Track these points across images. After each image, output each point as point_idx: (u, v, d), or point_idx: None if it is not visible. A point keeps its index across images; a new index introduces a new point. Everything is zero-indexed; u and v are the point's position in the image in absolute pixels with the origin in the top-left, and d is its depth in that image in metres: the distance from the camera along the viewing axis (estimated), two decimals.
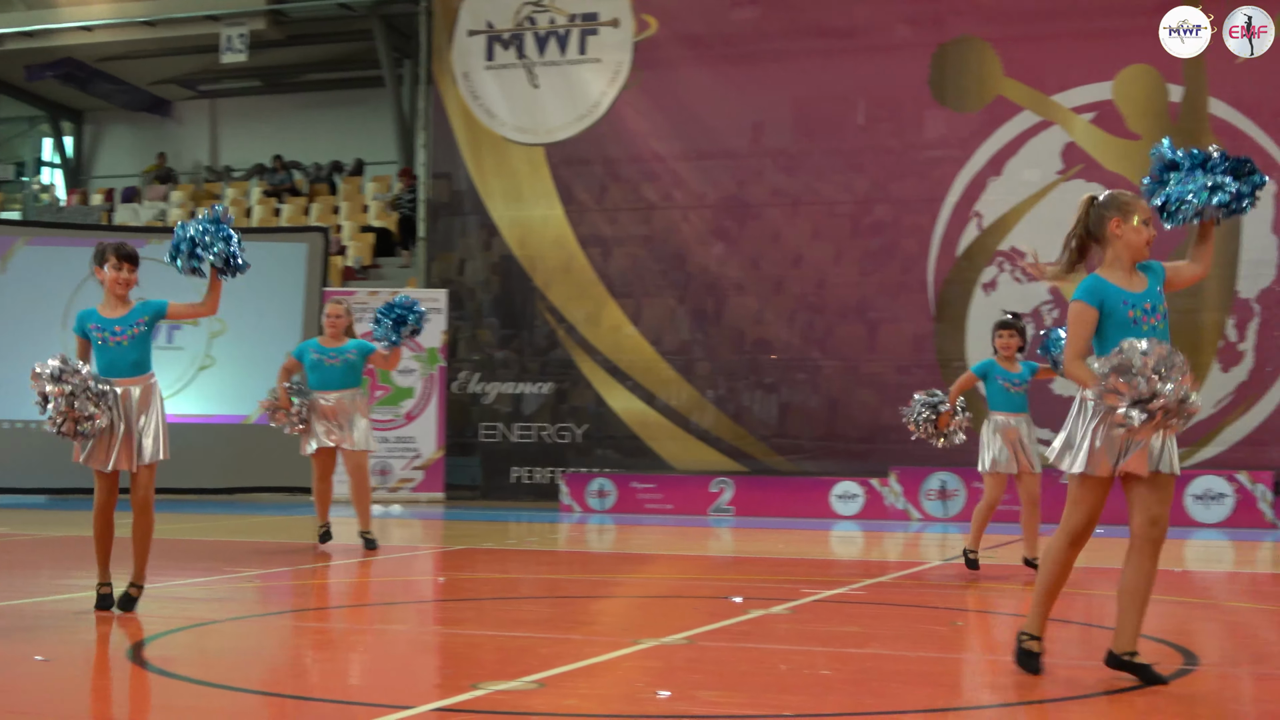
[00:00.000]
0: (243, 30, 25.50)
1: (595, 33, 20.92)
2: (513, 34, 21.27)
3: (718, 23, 20.59)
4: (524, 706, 5.74)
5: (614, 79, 20.80)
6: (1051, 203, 18.75)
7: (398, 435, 20.39)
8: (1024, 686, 6.48)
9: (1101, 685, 6.37)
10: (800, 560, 12.85)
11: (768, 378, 20.12)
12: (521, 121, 21.22)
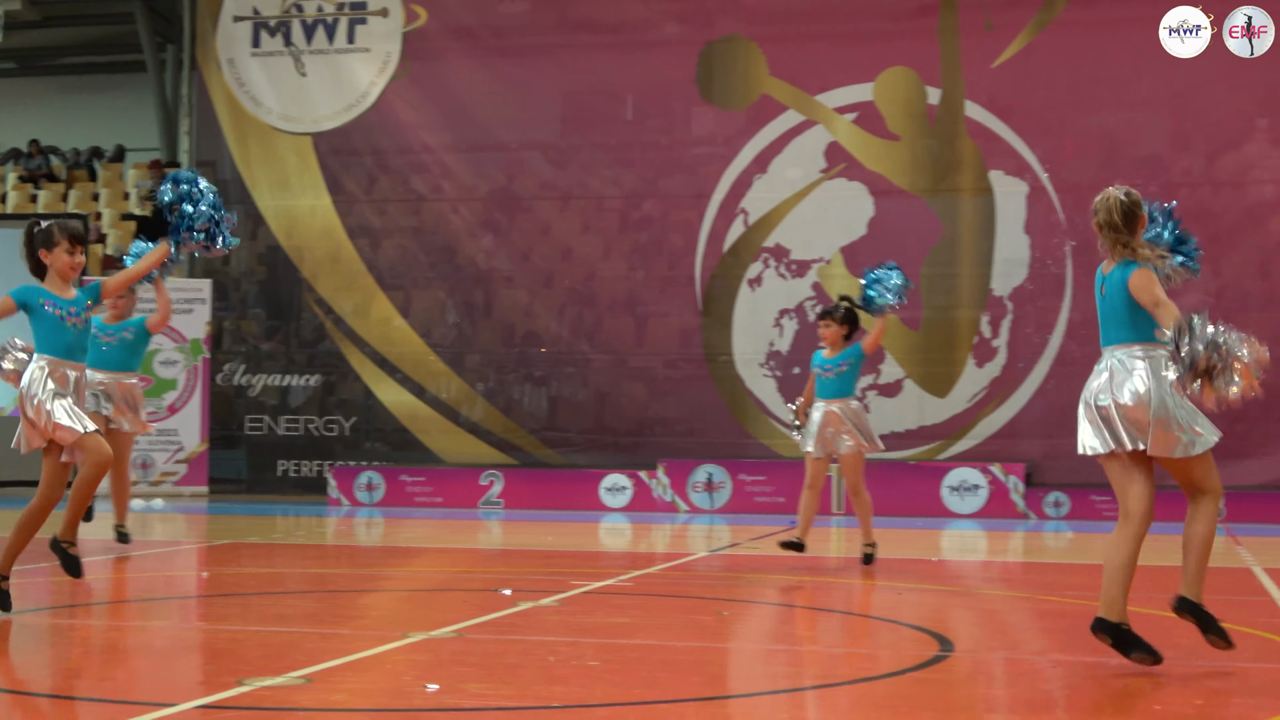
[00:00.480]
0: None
1: (364, 22, 20.72)
2: (279, 21, 20.96)
3: (487, 15, 20.55)
4: (290, 702, 5.68)
5: (383, 69, 20.63)
6: (815, 200, 19.11)
7: (160, 428, 19.96)
8: (786, 675, 6.62)
9: (859, 673, 6.54)
10: (569, 552, 12.90)
11: (537, 371, 20.16)
12: (288, 110, 20.93)
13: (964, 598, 9.85)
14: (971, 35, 18.85)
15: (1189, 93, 18.43)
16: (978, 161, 18.80)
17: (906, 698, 5.96)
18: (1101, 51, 18.54)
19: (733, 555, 12.80)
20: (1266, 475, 17.34)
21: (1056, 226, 18.53)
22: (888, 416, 18.68)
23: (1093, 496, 17.54)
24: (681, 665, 6.70)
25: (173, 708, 5.50)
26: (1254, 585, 10.21)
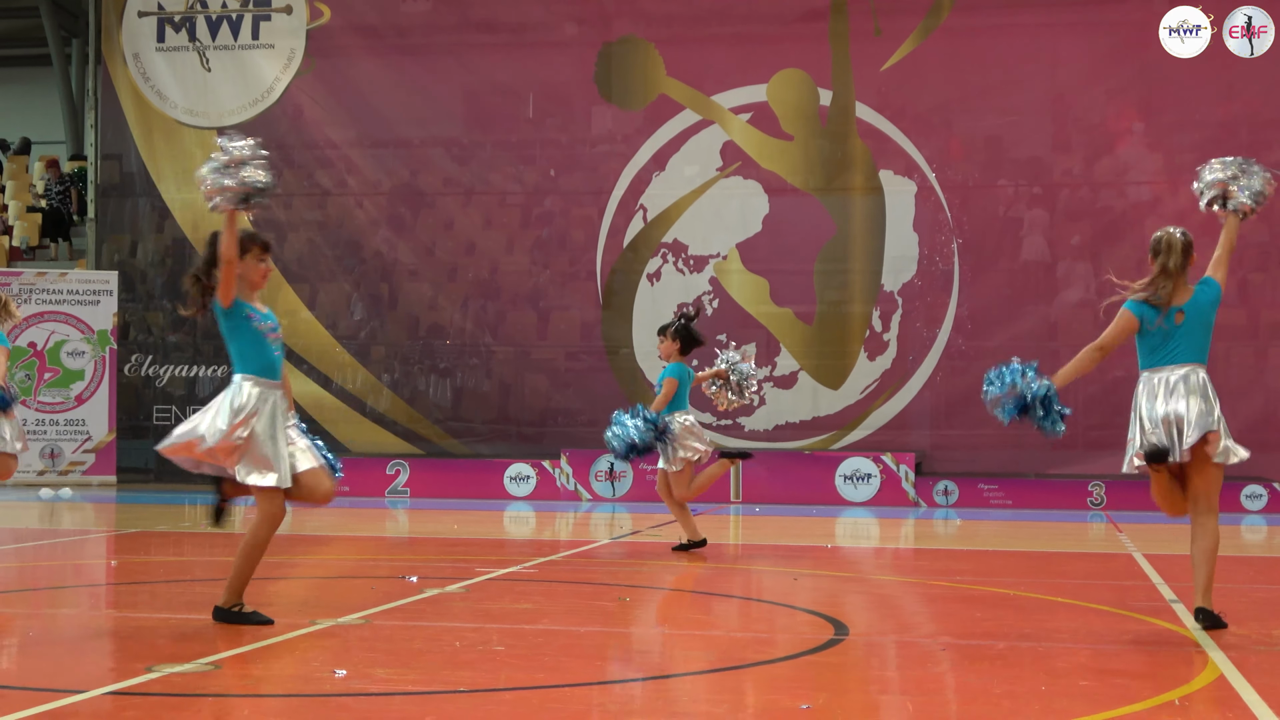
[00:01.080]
0: None
1: (268, 18, 20.52)
2: (184, 16, 20.71)
3: (390, 14, 20.42)
4: (199, 688, 5.62)
5: (287, 65, 20.45)
6: (711, 197, 19.17)
7: (67, 418, 19.73)
8: (688, 659, 6.63)
9: (759, 656, 6.56)
10: (474, 540, 12.87)
11: (442, 362, 20.08)
12: (194, 104, 20.69)
13: (857, 583, 9.92)
14: (861, 40, 18.98)
15: (1069, 97, 18.68)
16: (868, 161, 18.94)
17: (804, 679, 6.00)
18: (986, 56, 18.75)
19: (634, 542, 12.82)
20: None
21: (944, 224, 18.70)
22: (783, 407, 18.83)
23: (980, 485, 17.77)
24: (585, 650, 6.70)
25: (83, 694, 5.44)
26: (1135, 570, 10.37)
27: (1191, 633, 7.16)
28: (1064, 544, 12.96)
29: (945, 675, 6.19)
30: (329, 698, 5.45)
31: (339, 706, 5.31)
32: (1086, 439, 17.54)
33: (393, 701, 5.40)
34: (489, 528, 14.55)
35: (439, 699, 5.47)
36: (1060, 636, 7.17)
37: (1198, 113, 18.30)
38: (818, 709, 5.33)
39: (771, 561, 11.23)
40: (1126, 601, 8.48)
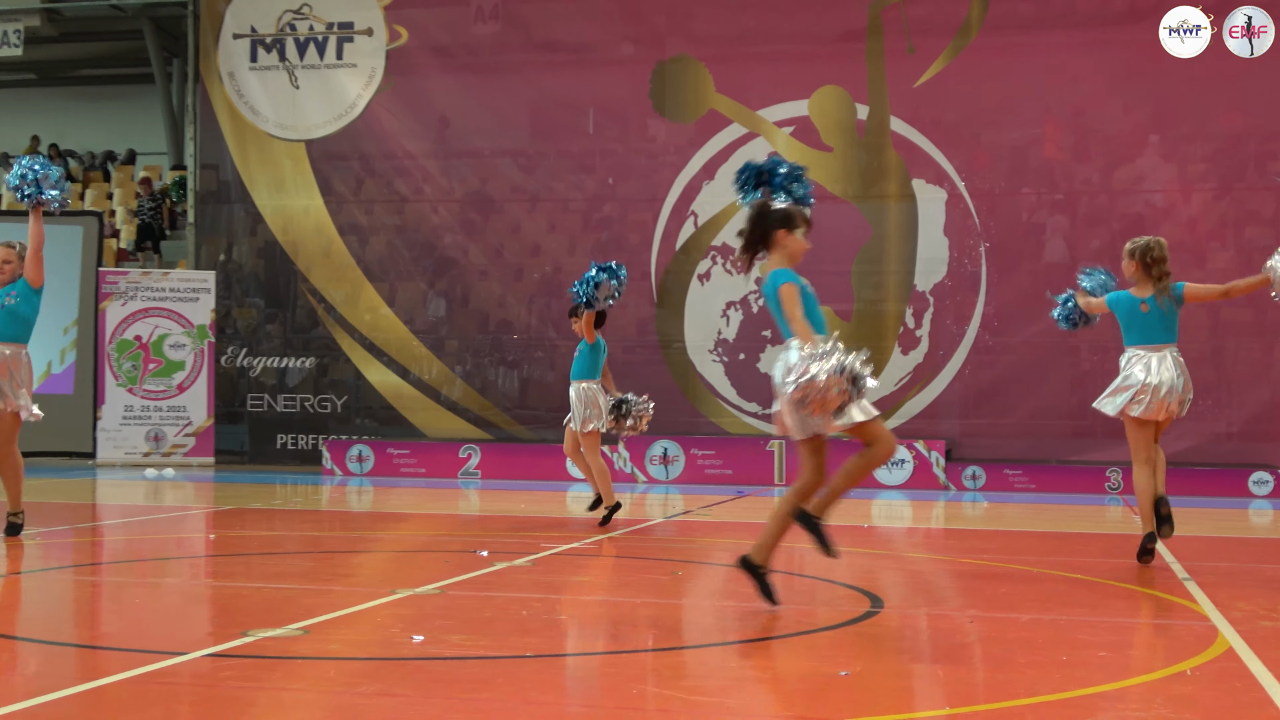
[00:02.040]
0: (18, 26, 24.53)
1: (351, 40, 20.62)
2: (275, 38, 20.83)
3: (462, 35, 20.46)
4: (289, 651, 5.67)
5: (369, 83, 20.54)
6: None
7: (170, 405, 19.90)
8: (735, 628, 6.63)
9: (801, 627, 6.56)
10: (539, 518, 12.91)
11: (510, 355, 20.12)
12: (283, 119, 20.81)
13: (892, 560, 9.90)
14: (895, 58, 18.89)
15: (1089, 110, 18.53)
16: (902, 171, 18.86)
17: (843, 648, 6.00)
18: (1012, 73, 18.63)
19: (686, 521, 12.83)
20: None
21: (972, 229, 18.61)
22: None
23: (1005, 470, 17.65)
24: (641, 619, 6.72)
25: (184, 656, 5.48)
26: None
27: (1202, 608, 7.11)
28: (1083, 525, 12.88)
29: (973, 646, 6.17)
30: (407, 661, 5.49)
31: (416, 669, 5.34)
32: (1105, 428, 17.37)
33: (465, 665, 5.43)
34: (553, 507, 14.58)
35: (507, 663, 5.49)
36: (1079, 611, 7.13)
37: (1209, 125, 18.15)
38: (855, 675, 5.32)
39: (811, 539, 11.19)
40: (1141, 579, 8.42)
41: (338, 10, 20.65)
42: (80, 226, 20.71)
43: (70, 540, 10.38)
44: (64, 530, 10.96)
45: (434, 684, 5.08)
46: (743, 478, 18.02)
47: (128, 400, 19.86)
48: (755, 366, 19.03)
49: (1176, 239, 18.26)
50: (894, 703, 5.03)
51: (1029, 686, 5.24)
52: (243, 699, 4.81)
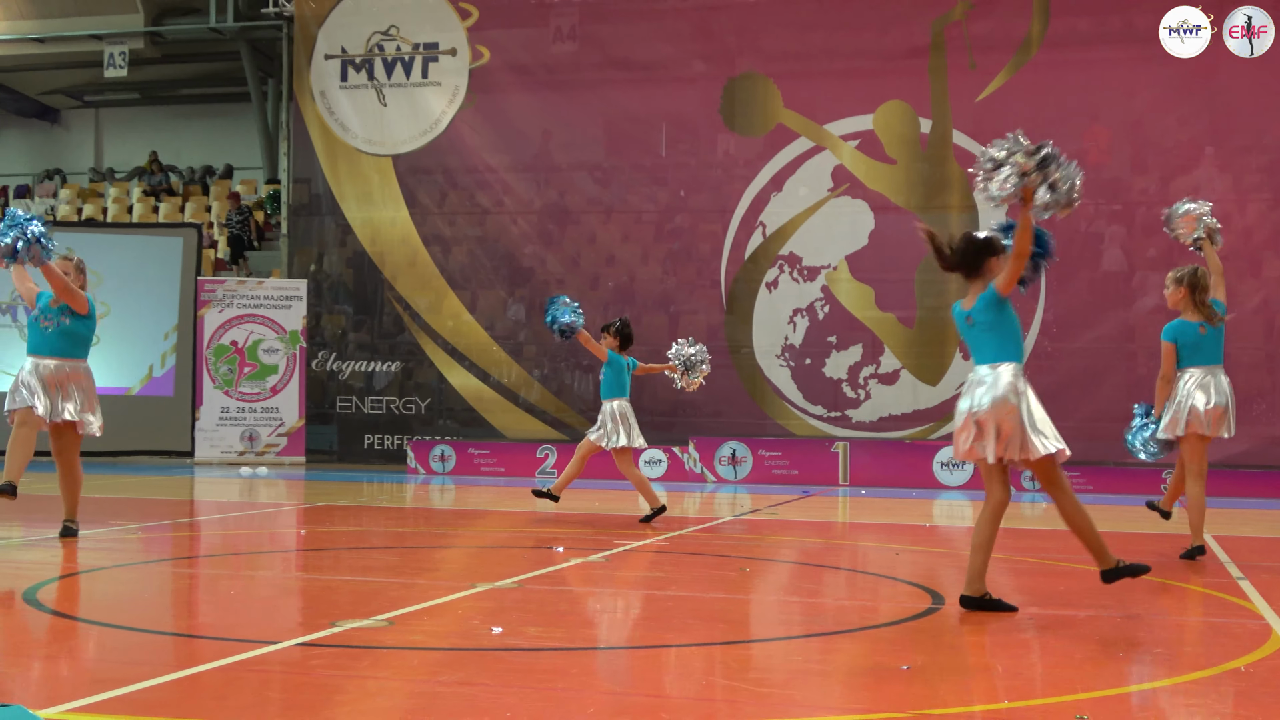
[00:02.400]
0: (124, 49, 24.89)
1: (436, 60, 20.76)
2: (364, 59, 21.02)
3: (540, 54, 20.55)
4: (376, 641, 5.71)
5: (452, 100, 20.67)
6: (823, 215, 19.07)
7: (263, 406, 20.12)
8: (800, 623, 6.61)
9: (864, 621, 6.53)
10: (613, 516, 12.91)
11: (585, 360, 20.15)
12: (371, 135, 20.99)
13: (952, 558, 9.82)
14: (958, 74, 18.78)
15: (1147, 123, 18.32)
16: (964, 182, 18.72)
17: (905, 643, 5.96)
18: (1070, 88, 18.44)
19: (754, 519, 12.79)
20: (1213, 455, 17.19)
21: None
22: (887, 401, 18.70)
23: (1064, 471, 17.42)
24: (710, 613, 6.71)
25: (276, 645, 5.54)
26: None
27: (1256, 607, 7.01)
28: (1139, 526, 12.71)
29: (1031, 641, 6.11)
30: (486, 651, 5.51)
31: (495, 659, 5.36)
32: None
33: (541, 656, 5.45)
34: (625, 505, 14.58)
35: (581, 654, 5.51)
36: (1136, 608, 7.05)
37: (1264, 137, 17.90)
38: (916, 669, 5.29)
39: (876, 538, 11.15)
40: (1196, 578, 8.31)
41: (423, 31, 20.81)
42: (180, 238, 21.00)
43: (169, 535, 10.52)
44: (164, 525, 11.11)
45: (511, 673, 5.10)
46: (808, 478, 17.95)
47: (224, 402, 20.09)
48: (820, 371, 18.96)
49: (1231, 248, 18.00)
50: (954, 696, 5.00)
51: (1086, 681, 5.18)
52: (330, 686, 4.85)
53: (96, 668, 5.23)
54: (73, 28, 25.20)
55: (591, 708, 4.57)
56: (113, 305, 19.72)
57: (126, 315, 20.12)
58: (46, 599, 6.74)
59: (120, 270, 20.19)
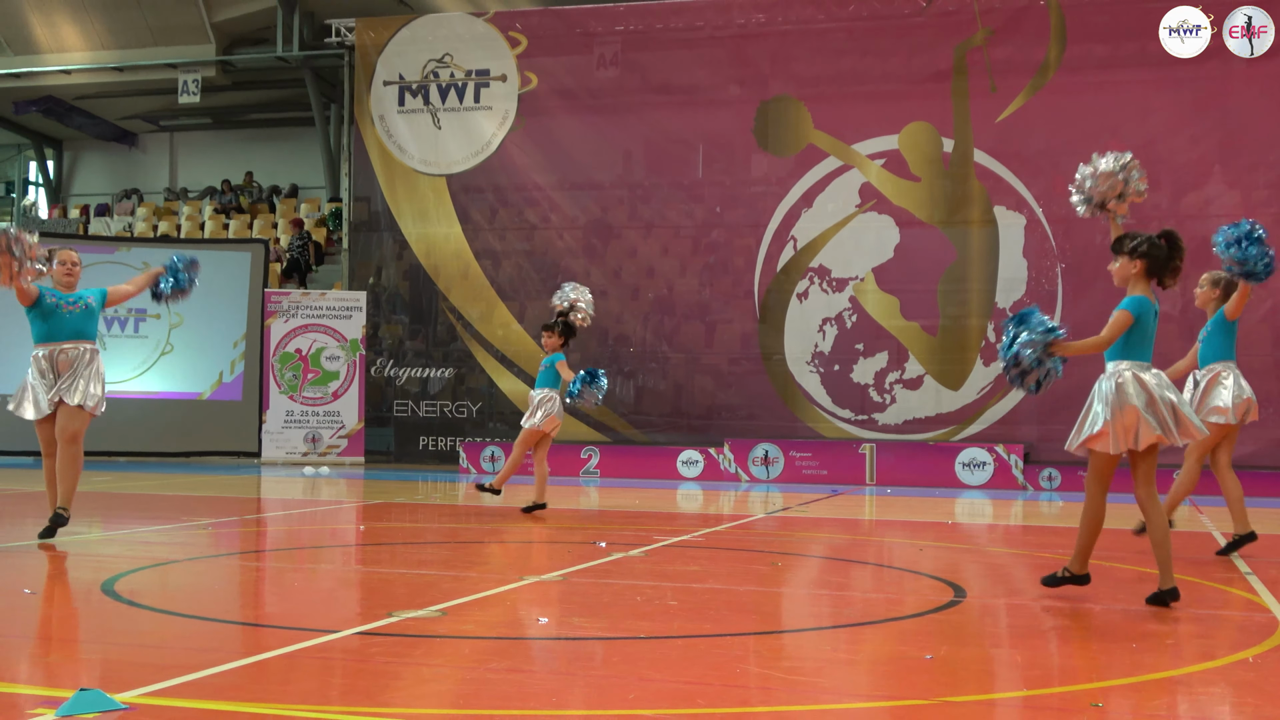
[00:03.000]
0: (196, 76, 25.12)
1: (488, 85, 20.82)
2: (420, 85, 21.10)
3: (585, 80, 20.58)
4: (430, 630, 5.72)
5: (502, 123, 20.72)
6: (851, 229, 19.02)
7: (325, 410, 20.22)
8: (829, 614, 6.59)
9: (890, 613, 6.50)
10: (652, 513, 12.92)
11: (626, 366, 20.18)
12: (427, 156, 21.07)
13: (974, 554, 9.77)
14: (979, 96, 18.70)
15: (1159, 141, 18.18)
16: (984, 199, 18.64)
17: (928, 634, 5.93)
18: (1086, 108, 18.33)
19: (785, 517, 12.76)
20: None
21: (1049, 252, 18.34)
22: (911, 405, 18.61)
23: (1079, 471, 17.34)
24: (743, 605, 6.70)
25: (337, 633, 5.56)
26: (1213, 546, 10.06)
27: (1263, 600, 6.93)
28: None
29: (1049, 633, 6.07)
30: (533, 640, 5.52)
31: (542, 648, 5.37)
32: None
33: (585, 644, 5.45)
34: (664, 503, 14.59)
35: (623, 643, 5.50)
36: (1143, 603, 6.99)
37: (1270, 154, 17.73)
38: (939, 659, 5.26)
39: (901, 534, 11.10)
40: (1206, 573, 8.23)
41: (476, 59, 20.88)
42: (249, 253, 21.13)
43: (237, 530, 10.58)
44: (232, 521, 11.18)
45: (556, 661, 5.10)
46: (837, 477, 17.90)
47: (289, 406, 20.21)
48: (848, 377, 18.90)
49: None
50: (976, 685, 4.97)
51: (1100, 671, 5.14)
52: (388, 673, 4.87)
53: (170, 654, 5.26)
54: (149, 57, 25.44)
55: (632, 693, 4.57)
56: (185, 316, 19.89)
57: (198, 325, 20.27)
58: (123, 590, 6.79)
59: None
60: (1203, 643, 5.91)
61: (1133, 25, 18.18)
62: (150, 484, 15.06)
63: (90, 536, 9.41)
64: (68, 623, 6.20)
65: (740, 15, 19.92)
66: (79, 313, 8.62)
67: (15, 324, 19.60)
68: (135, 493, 12.99)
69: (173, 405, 19.81)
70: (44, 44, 25.96)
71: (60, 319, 8.61)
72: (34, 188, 31.70)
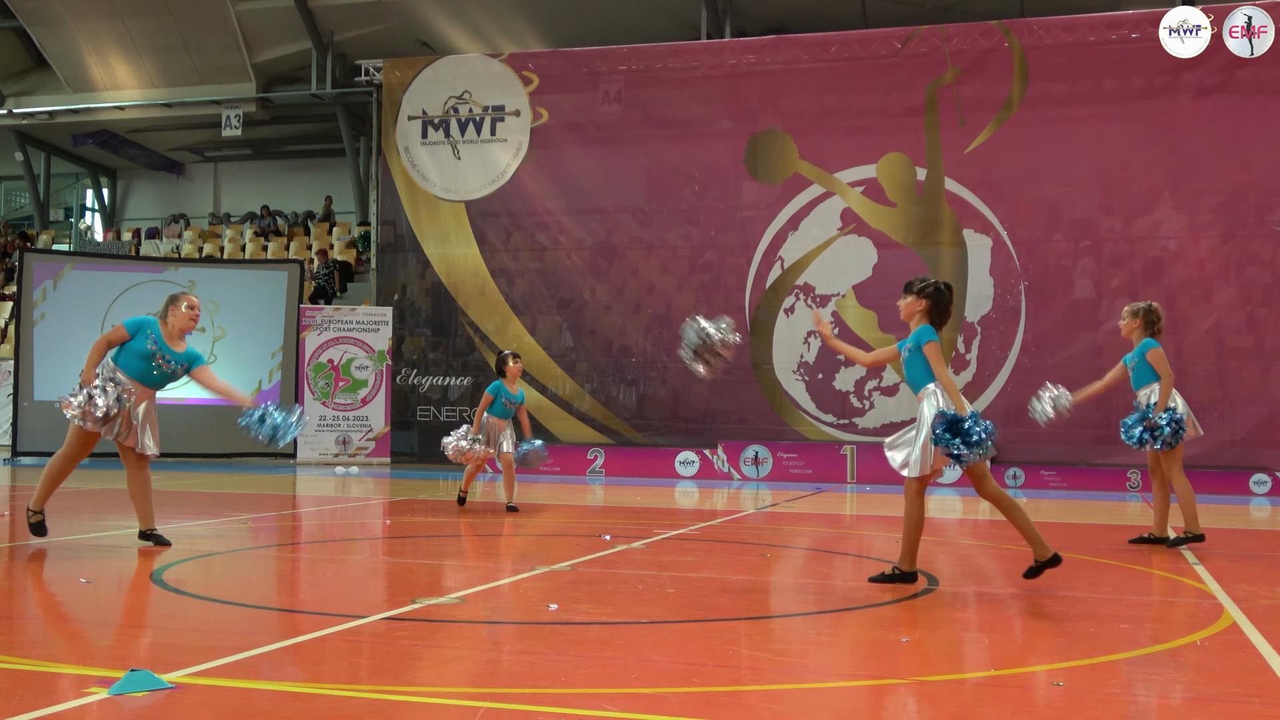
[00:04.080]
0: (238, 112, 25.16)
1: (503, 120, 20.85)
2: (441, 119, 21.12)
3: (591, 115, 20.60)
4: (449, 616, 5.71)
5: (516, 154, 20.74)
6: (833, 251, 19.03)
7: (355, 415, 20.22)
8: (815, 601, 6.57)
9: (870, 600, 6.48)
10: (653, 509, 12.90)
11: (629, 375, 20.17)
12: (447, 184, 21.08)
13: (946, 546, 9.75)
14: (949, 129, 18.71)
15: (1113, 172, 18.20)
16: (954, 222, 18.64)
17: (904, 619, 5.92)
18: (1047, 141, 18.35)
19: (774, 512, 12.74)
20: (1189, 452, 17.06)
21: (1014, 271, 18.34)
22: (888, 410, 18.59)
23: (1041, 471, 17.35)
24: (735, 593, 6.68)
25: (365, 619, 5.55)
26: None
27: (1209, 588, 6.92)
28: (1106, 518, 12.60)
29: (1014, 619, 6.05)
30: (544, 625, 5.51)
31: (552, 632, 5.36)
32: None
33: (591, 629, 5.44)
34: (663, 499, 14.58)
35: (626, 628, 5.49)
36: (1104, 590, 6.98)
37: (1215, 182, 17.74)
38: (915, 642, 5.25)
39: (879, 528, 11.08)
40: (1156, 563, 8.22)
41: (492, 96, 20.90)
42: (285, 272, 21.17)
43: (275, 524, 10.57)
44: (270, 516, 11.17)
45: (565, 644, 5.09)
46: (820, 476, 17.89)
47: (322, 411, 20.20)
48: (831, 385, 18.89)
49: (1187, 278, 17.89)
50: (948, 665, 4.95)
51: (1062, 652, 5.13)
52: (411, 654, 4.86)
53: (213, 638, 5.26)
54: (196, 94, 25.49)
55: (634, 673, 4.56)
56: (228, 329, 19.94)
57: (239, 338, 20.32)
58: (171, 579, 6.78)
59: (234, 300, 20.38)
60: (1155, 627, 5.89)
61: (1088, 65, 18.20)
62: (195, 483, 15.06)
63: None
64: (120, 609, 6.19)
65: (732, 56, 19.94)
66: (167, 373, 8.23)
67: (65, 332, 19.71)
68: (182, 490, 12.97)
69: (216, 411, 19.76)
70: (100, 82, 26.01)
71: (150, 370, 8.15)
72: (90, 213, 31.73)
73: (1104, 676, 4.71)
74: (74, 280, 20.48)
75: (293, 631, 5.34)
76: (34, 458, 19.59)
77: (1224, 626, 5.70)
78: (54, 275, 20.47)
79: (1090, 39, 18.18)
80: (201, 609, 5.99)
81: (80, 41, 25.34)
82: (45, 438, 19.71)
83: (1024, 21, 18.70)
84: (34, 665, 4.50)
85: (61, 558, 7.64)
